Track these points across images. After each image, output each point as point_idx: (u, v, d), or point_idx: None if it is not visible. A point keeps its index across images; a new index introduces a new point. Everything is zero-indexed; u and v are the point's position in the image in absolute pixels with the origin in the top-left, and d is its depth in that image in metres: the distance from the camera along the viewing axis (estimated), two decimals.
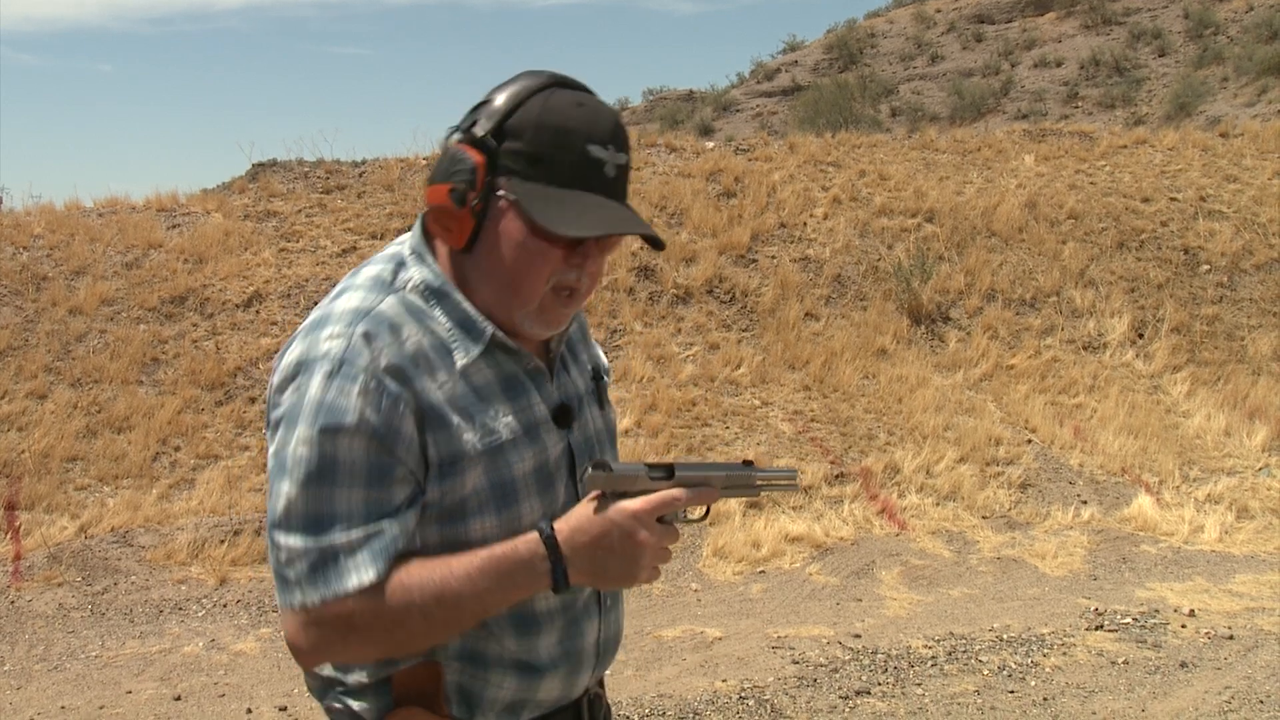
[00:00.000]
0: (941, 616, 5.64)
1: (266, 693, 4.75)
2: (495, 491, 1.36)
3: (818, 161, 11.88)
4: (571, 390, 1.51)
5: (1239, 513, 7.30)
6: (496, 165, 1.33)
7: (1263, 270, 10.61)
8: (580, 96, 1.36)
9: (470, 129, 1.35)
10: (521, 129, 1.33)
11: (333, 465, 1.28)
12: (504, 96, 1.35)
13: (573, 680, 1.47)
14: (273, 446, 1.33)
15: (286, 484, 1.29)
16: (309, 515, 1.28)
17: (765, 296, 9.49)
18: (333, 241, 9.41)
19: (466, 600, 1.30)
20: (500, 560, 1.31)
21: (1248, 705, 4.43)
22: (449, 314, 1.38)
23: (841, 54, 35.98)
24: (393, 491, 1.30)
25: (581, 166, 1.33)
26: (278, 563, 1.31)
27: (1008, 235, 10.70)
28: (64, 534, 6.15)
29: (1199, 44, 30.05)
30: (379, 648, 1.32)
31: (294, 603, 1.30)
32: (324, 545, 1.28)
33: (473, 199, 1.33)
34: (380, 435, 1.29)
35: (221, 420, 7.35)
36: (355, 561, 1.27)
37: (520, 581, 1.32)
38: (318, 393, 1.28)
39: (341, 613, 1.28)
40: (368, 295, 1.37)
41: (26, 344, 7.71)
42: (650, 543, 1.32)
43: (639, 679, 4.78)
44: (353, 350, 1.30)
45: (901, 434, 7.98)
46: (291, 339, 1.37)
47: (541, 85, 1.36)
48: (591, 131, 1.34)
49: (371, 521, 1.29)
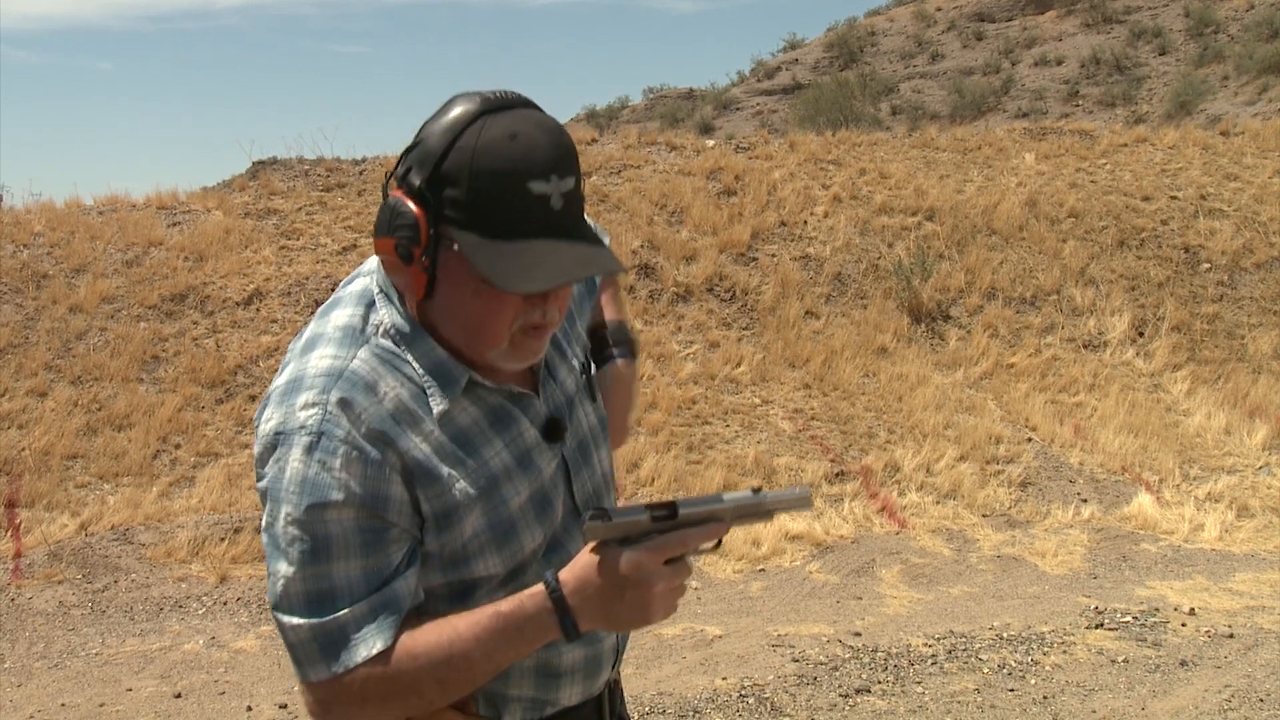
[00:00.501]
0: (941, 615, 5.65)
1: (267, 690, 4.75)
2: (494, 531, 1.35)
3: (818, 160, 11.87)
4: (560, 399, 1.46)
5: (1239, 511, 7.30)
6: (438, 215, 1.25)
7: (1263, 269, 10.61)
8: (513, 124, 1.25)
9: (406, 176, 1.28)
10: (457, 176, 1.24)
11: (326, 542, 1.25)
12: (435, 135, 1.26)
13: (592, 680, 1.48)
14: (264, 518, 1.30)
15: (282, 564, 1.26)
16: (309, 594, 1.26)
17: (765, 295, 9.49)
18: (333, 239, 9.41)
19: (477, 661, 1.28)
20: (508, 619, 1.28)
21: (1248, 704, 4.43)
22: (422, 359, 1.33)
23: (842, 52, 35.98)
24: (389, 554, 1.28)
25: (524, 208, 1.24)
26: (286, 642, 1.29)
27: (1008, 234, 10.70)
28: (64, 531, 6.16)
29: (1199, 42, 30.05)
30: (396, 713, 1.30)
31: (308, 678, 1.28)
32: (327, 622, 1.25)
33: (419, 254, 1.27)
34: (369, 504, 1.26)
35: (222, 418, 7.35)
36: (362, 635, 1.26)
37: (530, 636, 1.29)
38: (299, 468, 1.25)
39: (353, 686, 1.26)
40: (339, 351, 1.32)
41: (27, 342, 7.71)
42: (660, 590, 1.27)
43: (639, 677, 4.78)
44: (329, 420, 1.25)
45: (902, 432, 7.98)
46: (267, 399, 1.32)
47: (471, 116, 1.25)
48: (530, 167, 1.24)
49: (373, 591, 1.26)
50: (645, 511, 1.27)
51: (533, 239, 1.25)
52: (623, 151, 11.77)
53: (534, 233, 1.25)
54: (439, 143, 1.25)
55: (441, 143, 1.25)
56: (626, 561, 1.25)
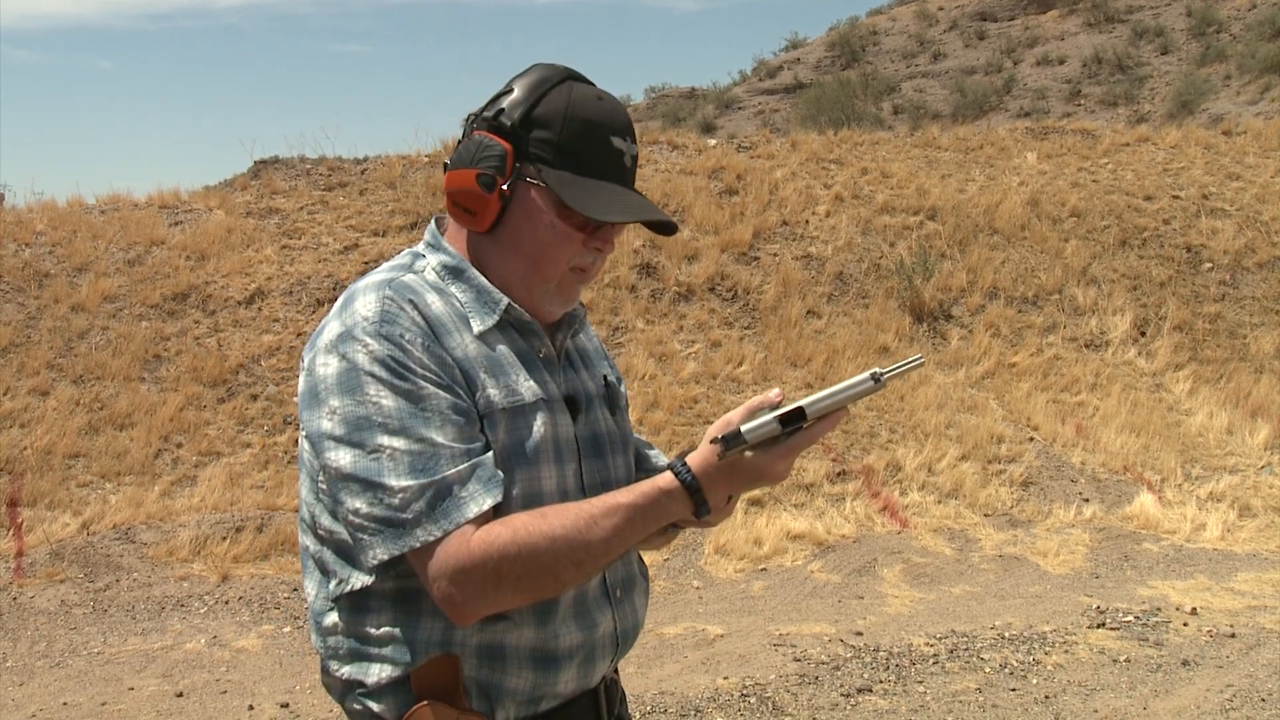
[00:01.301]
0: (943, 614, 5.64)
1: (268, 689, 4.76)
2: (515, 450, 1.40)
3: (820, 159, 11.87)
4: (579, 387, 1.55)
5: (1241, 511, 7.29)
6: (523, 153, 1.41)
7: (1265, 268, 10.60)
8: (598, 90, 1.46)
9: (496, 118, 1.42)
10: (549, 119, 1.41)
11: (422, 406, 1.32)
12: (525, 88, 1.43)
13: (589, 670, 1.49)
14: (337, 415, 1.33)
15: (383, 436, 1.31)
16: (413, 455, 1.31)
17: (767, 294, 9.48)
18: (334, 239, 9.41)
19: (613, 539, 1.33)
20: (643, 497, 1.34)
21: (1250, 703, 4.43)
22: (466, 287, 1.45)
23: (844, 51, 35.96)
24: (474, 430, 1.36)
25: (605, 156, 1.42)
26: (390, 509, 1.30)
27: (1010, 233, 10.70)
28: (66, 530, 6.16)
29: (1201, 42, 30.02)
30: (529, 594, 1.33)
31: (418, 542, 1.30)
32: (436, 480, 1.31)
33: (501, 184, 1.41)
34: (442, 377, 1.35)
35: (223, 417, 7.35)
36: (469, 491, 1.32)
37: (661, 515, 1.36)
38: (375, 345, 1.34)
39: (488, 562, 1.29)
40: (390, 273, 1.45)
41: (29, 341, 7.72)
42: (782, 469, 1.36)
43: (641, 676, 4.78)
44: (390, 309, 1.37)
45: (903, 432, 7.97)
46: (321, 327, 1.42)
47: (560, 78, 1.44)
48: (613, 124, 1.43)
49: (470, 456, 1.34)
50: (774, 421, 1.35)
51: (607, 181, 1.43)
52: None
53: (612, 178, 1.43)
54: (530, 92, 1.43)
55: (533, 92, 1.42)
56: (753, 466, 1.35)
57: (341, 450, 1.33)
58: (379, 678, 1.40)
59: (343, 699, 1.45)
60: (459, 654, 1.39)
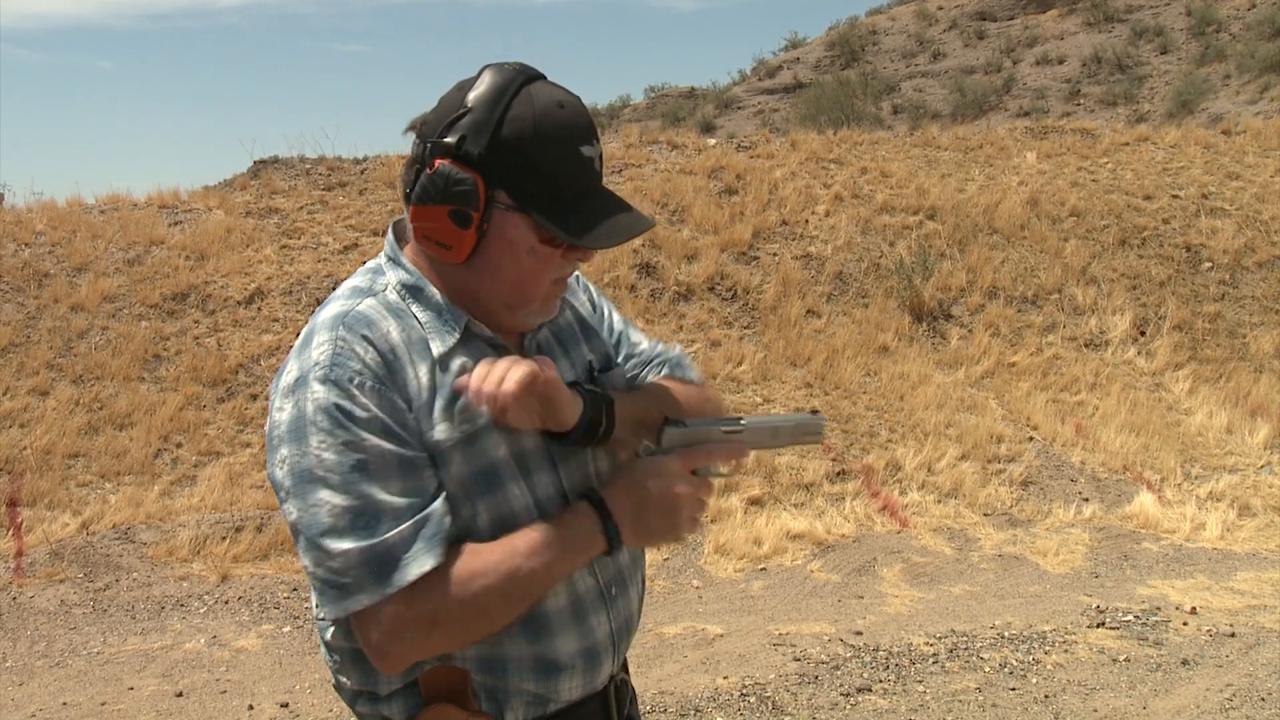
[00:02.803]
0: (943, 614, 5.64)
1: (268, 689, 4.76)
2: (475, 478, 1.37)
3: (819, 159, 11.87)
4: None
5: (1240, 510, 7.29)
6: (493, 179, 1.33)
7: (1265, 268, 10.60)
8: (552, 93, 1.36)
9: (460, 145, 1.33)
10: (517, 142, 1.32)
11: (363, 461, 1.29)
12: (484, 105, 1.33)
13: (593, 674, 1.48)
14: (286, 465, 1.31)
15: (323, 492, 1.29)
16: (355, 514, 1.28)
17: (767, 294, 9.48)
18: (334, 238, 9.41)
19: (537, 574, 1.34)
20: (559, 528, 1.36)
21: (1249, 703, 4.43)
22: (425, 306, 1.40)
23: (843, 51, 35.97)
24: (424, 479, 1.33)
25: (577, 169, 1.35)
26: (332, 571, 1.29)
27: (1009, 232, 10.70)
28: (66, 530, 6.16)
29: (1201, 41, 30.03)
30: (464, 636, 1.34)
31: (360, 605, 1.29)
32: (376, 544, 1.28)
33: (478, 220, 1.34)
34: (390, 428, 1.31)
35: (223, 417, 7.35)
36: (411, 554, 1.29)
37: (579, 547, 1.37)
38: (322, 396, 1.30)
39: (423, 609, 1.29)
40: (347, 301, 1.40)
41: (28, 341, 7.72)
42: (684, 492, 1.38)
43: (640, 676, 4.78)
44: (340, 353, 1.32)
45: (903, 431, 7.97)
46: (286, 361, 1.39)
47: (516, 84, 1.34)
48: (579, 133, 1.35)
49: (415, 512, 1.30)
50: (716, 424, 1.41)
51: (587, 197, 1.37)
52: (624, 150, 11.77)
53: (586, 192, 1.37)
54: (490, 113, 1.33)
55: (492, 109, 1.33)
56: (654, 464, 1.39)
57: (290, 503, 1.32)
58: (389, 687, 1.40)
59: (353, 704, 1.46)
60: (461, 666, 1.39)
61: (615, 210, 1.40)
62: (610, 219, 1.38)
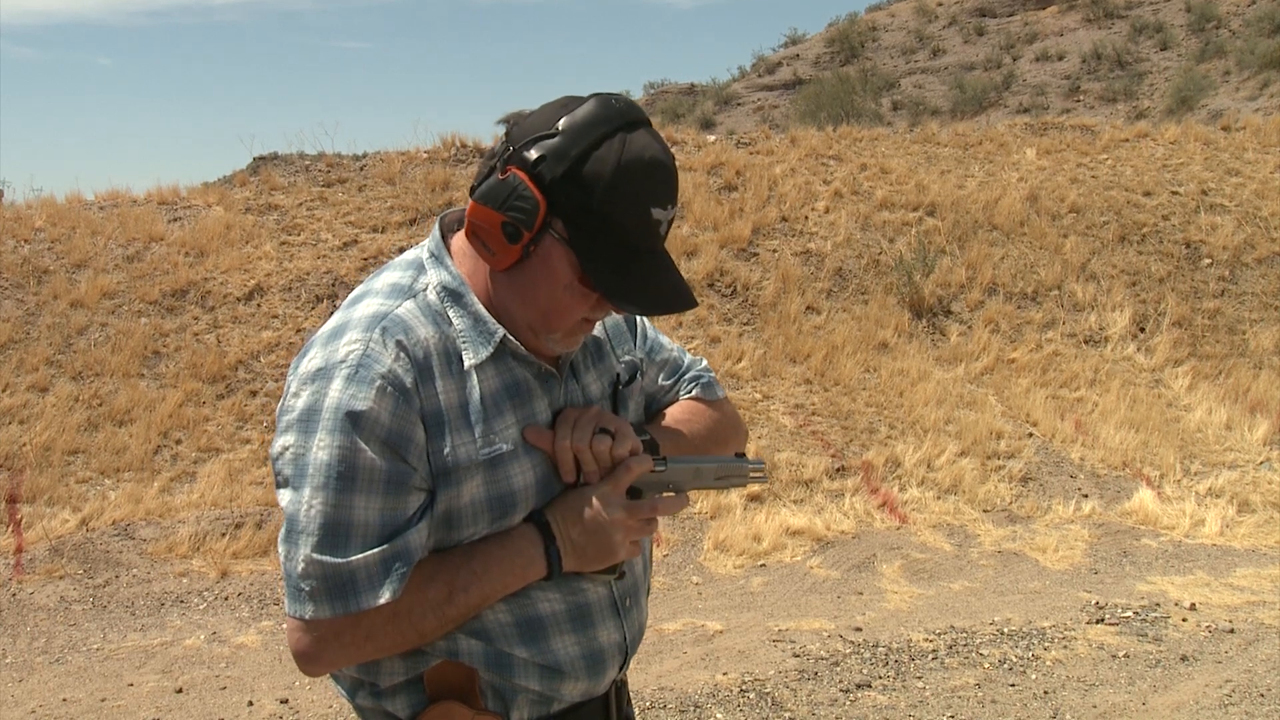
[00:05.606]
0: (942, 610, 5.65)
1: (268, 685, 4.76)
2: (492, 503, 1.37)
3: (819, 155, 11.86)
4: (578, 398, 1.49)
5: (1240, 507, 7.29)
6: (556, 206, 1.31)
7: (1264, 264, 10.60)
8: (647, 146, 1.33)
9: (537, 165, 1.31)
10: (593, 184, 1.30)
11: (353, 470, 1.29)
12: (572, 135, 1.31)
13: (597, 678, 1.48)
14: (287, 452, 1.32)
15: (307, 490, 1.29)
16: (328, 523, 1.29)
17: (766, 290, 9.48)
18: (334, 235, 9.40)
19: (474, 593, 1.35)
20: (502, 549, 1.36)
21: (1248, 699, 4.43)
22: (462, 314, 1.39)
23: (843, 47, 35.92)
24: (408, 501, 1.32)
25: (641, 228, 1.33)
26: (293, 573, 1.30)
27: (1009, 229, 10.69)
28: (65, 527, 6.16)
29: (1201, 38, 30.00)
30: (396, 647, 1.35)
31: (306, 614, 1.30)
32: (340, 566, 1.28)
33: (527, 239, 1.33)
34: (395, 442, 1.30)
35: (223, 413, 7.35)
36: (372, 583, 1.29)
37: (519, 573, 1.37)
38: (338, 396, 1.29)
39: (361, 624, 1.30)
40: (386, 301, 1.38)
41: (28, 337, 7.72)
42: (618, 519, 1.39)
43: (639, 672, 4.78)
44: (370, 356, 1.31)
45: (903, 428, 7.98)
46: (309, 345, 1.38)
47: (614, 128, 1.31)
48: (655, 195, 1.33)
49: (387, 539, 1.30)
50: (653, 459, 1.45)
51: (640, 258, 1.35)
52: None
53: (642, 252, 1.35)
54: (579, 145, 1.30)
55: (582, 147, 1.30)
56: (590, 490, 1.40)
57: (283, 491, 1.33)
58: (391, 681, 1.40)
59: (352, 696, 1.45)
60: (467, 664, 1.39)
61: (663, 277, 1.37)
62: (655, 285, 1.36)
